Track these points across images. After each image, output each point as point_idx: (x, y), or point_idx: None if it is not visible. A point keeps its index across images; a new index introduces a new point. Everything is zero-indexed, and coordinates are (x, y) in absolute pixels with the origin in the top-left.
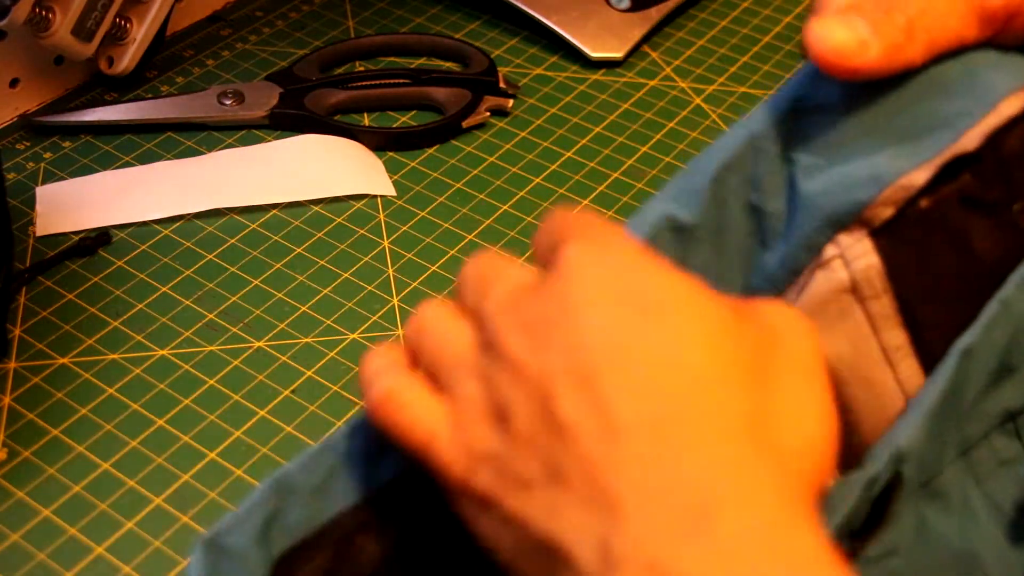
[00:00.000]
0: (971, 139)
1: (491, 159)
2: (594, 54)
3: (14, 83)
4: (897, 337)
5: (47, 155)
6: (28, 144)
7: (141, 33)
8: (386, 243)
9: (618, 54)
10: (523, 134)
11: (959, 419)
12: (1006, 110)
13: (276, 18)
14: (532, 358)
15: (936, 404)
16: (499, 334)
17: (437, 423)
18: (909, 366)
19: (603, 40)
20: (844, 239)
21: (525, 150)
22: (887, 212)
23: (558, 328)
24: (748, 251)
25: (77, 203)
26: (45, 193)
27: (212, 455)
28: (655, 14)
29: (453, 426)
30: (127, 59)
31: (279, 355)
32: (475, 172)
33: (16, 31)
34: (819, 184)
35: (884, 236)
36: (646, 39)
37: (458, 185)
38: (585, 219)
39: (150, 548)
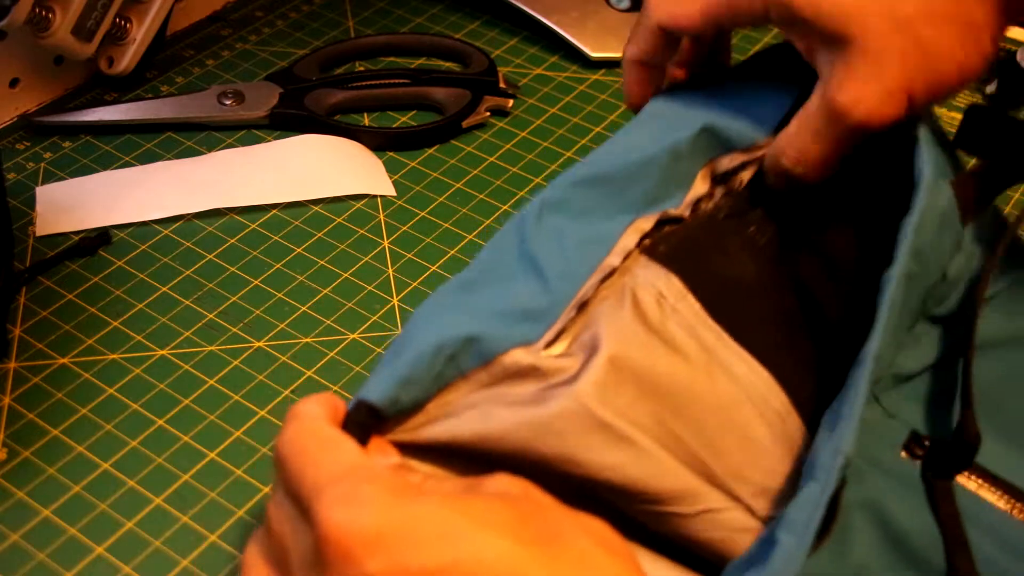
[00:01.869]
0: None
1: (491, 159)
2: (594, 54)
3: (14, 83)
4: (713, 330)
5: (47, 155)
6: (28, 144)
7: (141, 33)
8: (386, 243)
9: (618, 54)
10: (523, 134)
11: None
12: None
13: (276, 18)
14: None
15: (863, 408)
16: None
17: None
18: (734, 352)
19: (603, 40)
20: (632, 266)
21: (525, 150)
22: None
23: None
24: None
25: (77, 203)
26: (45, 193)
27: (212, 455)
28: None
29: None
30: (127, 59)
31: (279, 355)
32: (475, 172)
33: (16, 31)
34: (579, 233)
35: (663, 259)
36: None
37: (458, 185)
38: (322, 464)
39: (150, 548)
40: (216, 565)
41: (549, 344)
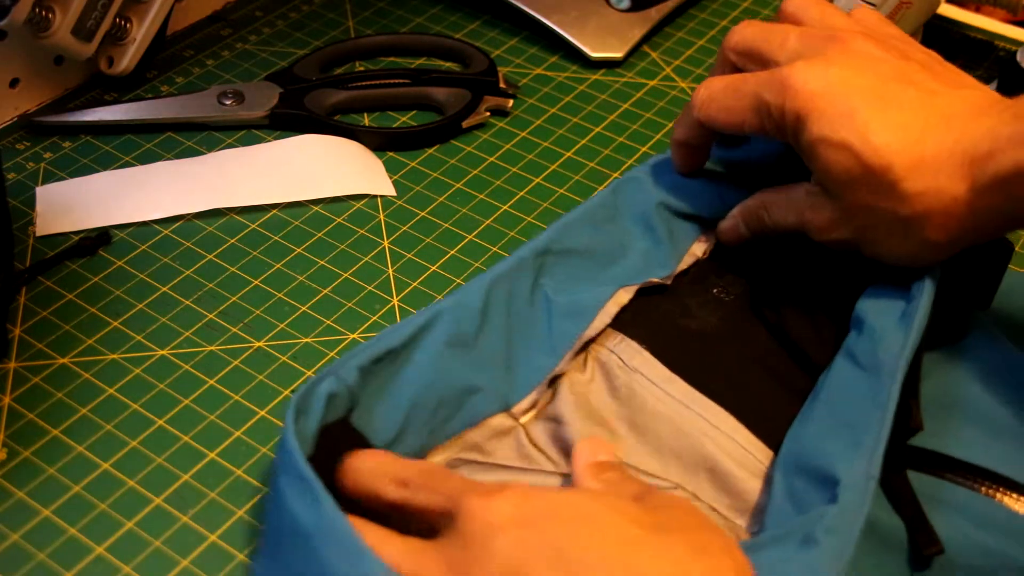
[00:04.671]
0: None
1: (491, 159)
2: (594, 54)
3: (14, 83)
4: (672, 380)
5: (47, 155)
6: (28, 144)
7: (141, 33)
8: (386, 243)
9: (618, 54)
10: (523, 134)
11: None
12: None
13: (276, 18)
14: None
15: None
16: None
17: None
18: (693, 398)
19: (603, 40)
20: (604, 338)
21: (525, 150)
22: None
23: None
24: (509, 343)
25: (77, 203)
26: (45, 193)
27: (212, 455)
28: (655, 14)
29: None
30: (127, 59)
31: (279, 355)
32: (475, 172)
33: (16, 31)
34: (565, 302)
35: (625, 327)
36: (646, 39)
37: (458, 185)
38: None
39: (150, 548)
40: (216, 565)
41: (525, 411)
